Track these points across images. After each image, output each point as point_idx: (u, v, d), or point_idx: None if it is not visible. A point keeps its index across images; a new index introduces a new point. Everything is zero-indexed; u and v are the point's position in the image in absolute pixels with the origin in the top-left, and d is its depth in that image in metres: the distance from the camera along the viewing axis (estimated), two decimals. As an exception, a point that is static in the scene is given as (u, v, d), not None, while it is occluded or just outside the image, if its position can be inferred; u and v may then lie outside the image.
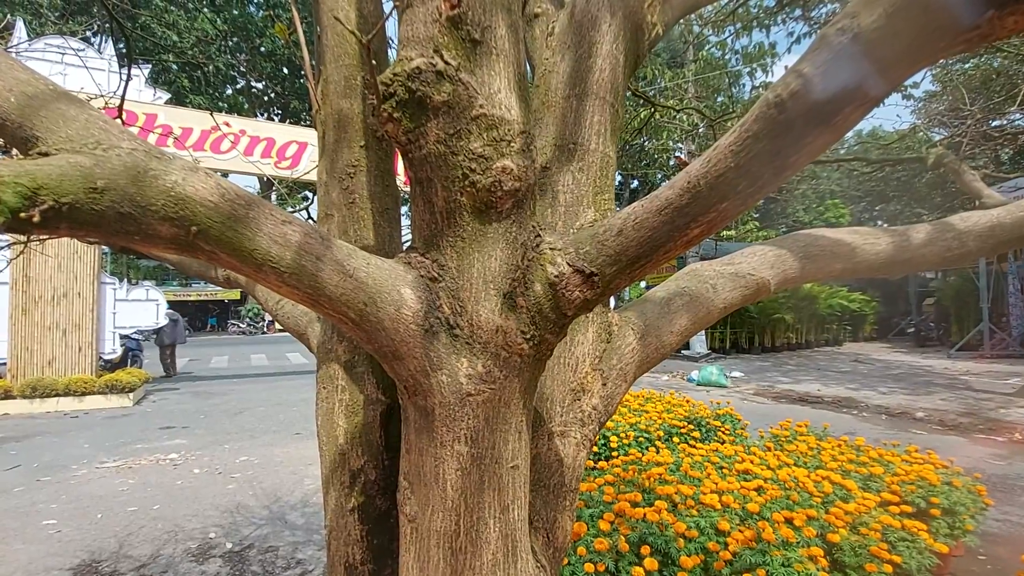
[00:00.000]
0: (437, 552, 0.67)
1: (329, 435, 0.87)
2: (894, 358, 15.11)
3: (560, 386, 0.82)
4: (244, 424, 8.38)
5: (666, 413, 6.32)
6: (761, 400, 10.31)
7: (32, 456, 6.71)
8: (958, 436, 8.10)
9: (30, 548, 4.41)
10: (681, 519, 3.35)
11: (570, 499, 0.84)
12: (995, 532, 4.80)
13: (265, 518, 4.97)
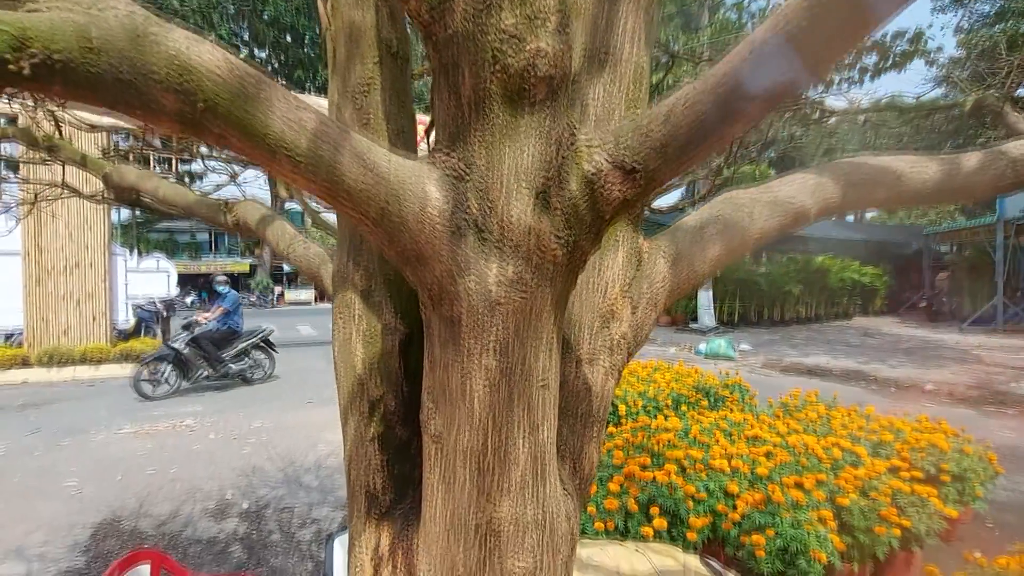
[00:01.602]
0: (463, 471, 0.65)
1: (347, 364, 0.84)
2: (905, 332, 14.98)
3: (589, 311, 0.78)
4: (257, 391, 8.51)
5: (675, 382, 6.31)
6: (769, 372, 10.29)
7: (52, 421, 6.86)
8: (968, 409, 8.06)
9: (53, 506, 4.52)
10: (690, 482, 3.37)
11: (597, 428, 0.81)
12: (1003, 500, 4.79)
13: (280, 480, 5.06)
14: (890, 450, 4.12)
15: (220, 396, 8.20)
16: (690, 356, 11.78)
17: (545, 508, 0.70)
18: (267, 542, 3.94)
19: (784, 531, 3.01)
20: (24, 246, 9.25)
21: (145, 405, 7.58)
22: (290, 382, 9.22)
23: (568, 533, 0.77)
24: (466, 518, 0.67)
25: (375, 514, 0.84)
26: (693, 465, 3.58)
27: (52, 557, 3.85)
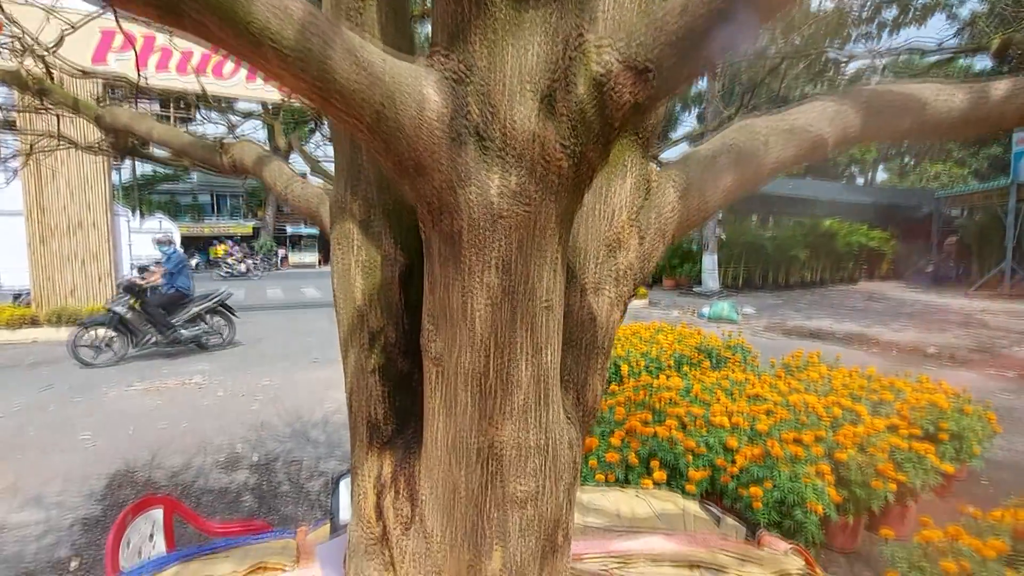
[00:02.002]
0: (465, 395, 0.64)
1: (346, 295, 0.83)
2: (909, 296, 14.92)
3: (594, 238, 0.76)
4: (263, 351, 8.61)
5: (678, 343, 6.33)
6: (771, 335, 10.32)
7: (63, 378, 6.98)
8: (969, 371, 8.08)
9: (68, 458, 4.65)
10: (690, 437, 3.41)
11: (601, 360, 0.80)
12: (1000, 459, 4.85)
13: (288, 435, 5.17)
14: (890, 409, 4.15)
15: (228, 355, 8.30)
16: (693, 319, 11.81)
17: (548, 433, 0.70)
18: (277, 492, 4.05)
19: (782, 484, 3.06)
20: (26, 205, 9.22)
21: (155, 363, 7.69)
22: (296, 342, 9.32)
23: (571, 460, 0.77)
24: (468, 441, 0.67)
25: (377, 443, 0.84)
26: (694, 421, 3.62)
27: (69, 505, 3.97)
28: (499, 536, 0.72)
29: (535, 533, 0.74)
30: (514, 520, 0.72)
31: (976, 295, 14.56)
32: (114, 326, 7.45)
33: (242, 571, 1.40)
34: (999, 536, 2.48)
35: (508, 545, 0.73)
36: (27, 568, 3.18)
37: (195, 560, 1.48)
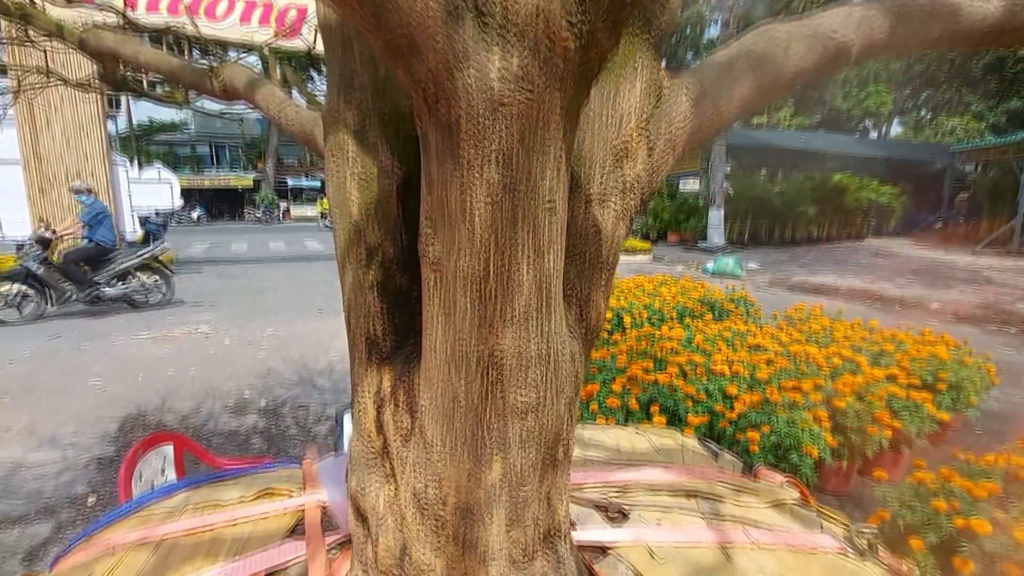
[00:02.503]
0: (464, 300, 0.62)
1: (342, 208, 0.80)
2: (916, 253, 14.79)
3: (601, 146, 0.72)
4: (268, 302, 8.66)
5: (681, 295, 6.34)
6: (775, 290, 10.30)
7: (71, 327, 7.06)
8: (971, 327, 8.09)
9: (81, 401, 4.75)
10: (690, 384, 3.45)
11: (606, 276, 0.78)
12: (995, 410, 4.91)
13: (295, 381, 5.26)
14: (890, 360, 4.17)
15: (233, 306, 8.36)
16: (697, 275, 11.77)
17: (549, 343, 0.69)
18: (285, 435, 4.16)
19: (779, 428, 3.11)
20: (23, 154, 9.09)
21: (160, 313, 7.76)
22: (300, 294, 9.37)
23: (573, 373, 0.77)
24: (467, 349, 0.66)
25: (375, 359, 0.84)
26: (694, 370, 3.65)
27: (84, 445, 4.09)
28: (499, 446, 0.73)
29: (535, 444, 0.75)
30: (514, 430, 0.72)
31: (984, 252, 14.41)
32: (25, 281, 6.81)
33: (249, 497, 1.44)
34: (991, 479, 2.53)
35: (508, 455, 0.74)
36: (47, 503, 3.30)
37: (203, 487, 1.52)
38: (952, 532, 2.25)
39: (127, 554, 1.24)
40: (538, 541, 0.84)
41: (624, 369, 3.68)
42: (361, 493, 0.86)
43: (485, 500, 0.75)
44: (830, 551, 1.29)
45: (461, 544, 0.77)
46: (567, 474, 0.89)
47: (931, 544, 2.24)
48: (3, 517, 3.15)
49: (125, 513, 1.43)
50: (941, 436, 4.13)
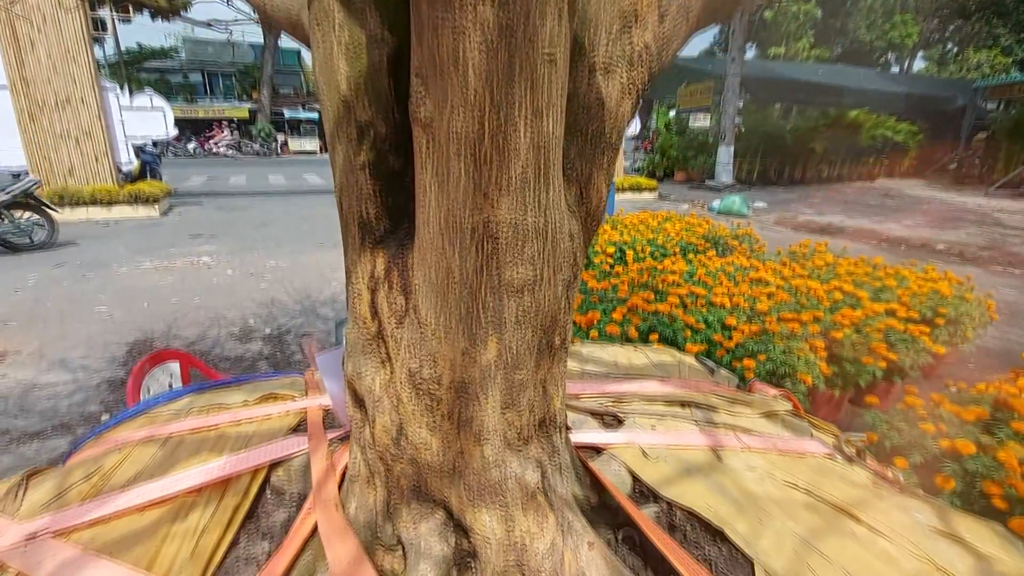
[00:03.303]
0: (457, 164, 0.59)
1: (330, 83, 0.75)
2: (927, 194, 14.49)
3: (608, 9, 0.66)
4: (269, 234, 8.62)
5: (685, 231, 6.27)
6: (780, 229, 10.19)
7: (74, 256, 7.07)
8: (975, 268, 8.04)
9: (88, 328, 4.83)
10: (690, 315, 3.46)
11: (609, 155, 0.74)
12: (990, 347, 4.95)
13: (298, 311, 5.31)
14: (891, 295, 4.16)
15: (234, 238, 8.32)
16: (703, 213, 11.62)
17: (547, 216, 0.66)
18: (290, 361, 4.24)
19: (775, 356, 3.14)
20: (9, 78, 8.77)
21: (162, 244, 7.74)
22: (301, 227, 9.30)
23: (570, 253, 0.75)
24: (461, 219, 0.63)
25: (369, 243, 0.81)
26: (695, 301, 3.66)
27: (94, 368, 4.18)
28: (494, 325, 0.72)
29: (531, 325, 0.74)
30: (510, 308, 0.71)
31: (996, 194, 14.10)
32: None
33: (253, 400, 1.47)
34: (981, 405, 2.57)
35: (503, 335, 0.73)
36: (62, 420, 3.41)
37: (207, 392, 1.56)
38: (937, 453, 2.31)
39: (135, 449, 1.28)
40: (533, 427, 0.85)
41: (625, 299, 3.68)
42: (357, 377, 0.86)
43: (480, 379, 0.75)
44: (818, 456, 1.33)
45: (456, 423, 0.78)
46: (563, 364, 0.89)
47: (915, 464, 2.31)
48: (21, 432, 3.26)
49: (132, 415, 1.47)
50: (935, 369, 4.20)
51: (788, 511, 1.06)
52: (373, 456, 0.87)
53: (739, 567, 0.96)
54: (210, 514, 1.02)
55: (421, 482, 0.84)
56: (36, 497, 1.14)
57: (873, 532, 1.03)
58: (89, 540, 0.99)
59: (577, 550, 0.84)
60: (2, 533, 1.01)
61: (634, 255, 5.50)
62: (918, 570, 0.95)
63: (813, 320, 3.46)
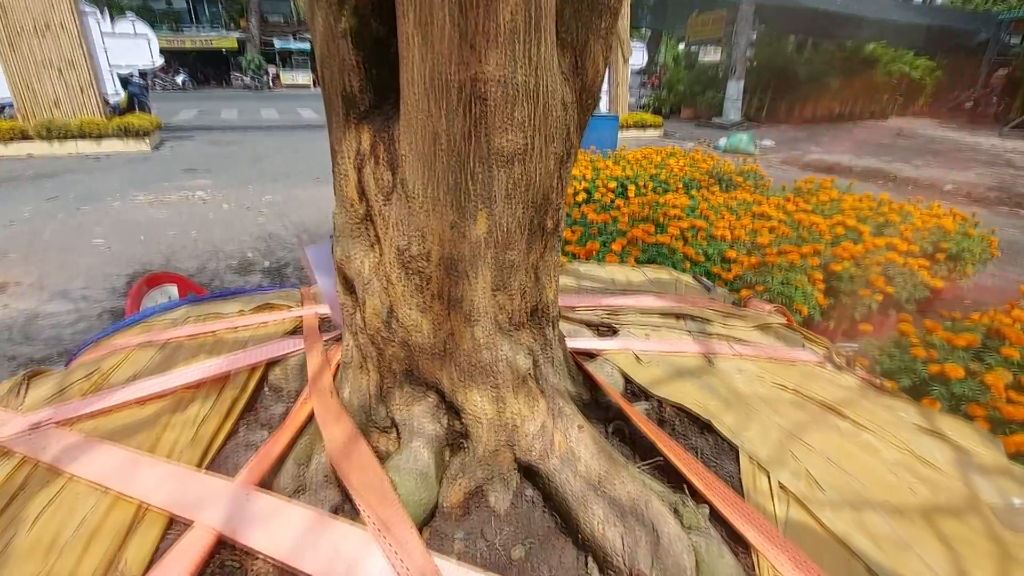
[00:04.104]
0: (441, 8, 0.55)
1: (307, -66, 0.69)
2: (940, 133, 14.08)
3: None
4: (264, 169, 8.45)
5: (689, 167, 6.14)
6: (787, 168, 9.99)
7: (67, 190, 6.97)
8: (982, 208, 7.92)
9: (87, 259, 4.82)
10: (690, 247, 3.44)
11: (607, 21, 0.70)
12: (987, 284, 4.95)
13: (295, 244, 5.28)
14: (894, 230, 4.12)
15: (228, 173, 8.17)
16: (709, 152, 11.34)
17: (538, 76, 0.62)
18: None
19: (773, 287, 3.15)
20: (-19, 0, 8.31)
21: (155, 178, 7.61)
22: (297, 162, 9.11)
23: (564, 125, 0.72)
24: (447, 76, 0.60)
25: (354, 118, 0.78)
26: (696, 234, 3.63)
27: (95, 299, 4.20)
28: (483, 198, 0.70)
29: (522, 200, 0.72)
30: (500, 180, 0.69)
31: (1011, 135, 13.70)
32: None
33: (249, 309, 1.48)
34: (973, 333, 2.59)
35: (493, 210, 0.71)
36: (66, 347, 3.46)
37: (204, 303, 1.56)
38: (926, 377, 2.35)
39: (132, 352, 1.30)
40: (525, 313, 0.85)
41: (625, 232, 3.65)
42: (347, 260, 0.85)
43: (469, 257, 0.74)
44: (809, 363, 1.35)
45: (446, 303, 0.78)
46: (556, 252, 0.88)
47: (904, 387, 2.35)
48: (27, 358, 3.32)
49: (129, 324, 1.48)
50: (930, 304, 4.22)
51: (775, 407, 1.09)
52: (365, 340, 0.88)
53: (725, 455, 0.99)
54: (209, 406, 1.04)
55: (413, 365, 0.85)
56: (38, 393, 1.16)
57: (857, 426, 1.06)
58: (91, 430, 1.02)
59: (567, 432, 0.86)
60: (6, 423, 1.04)
61: (636, 190, 5.41)
62: (899, 459, 0.98)
63: (813, 253, 3.44)
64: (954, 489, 0.94)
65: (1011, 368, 2.31)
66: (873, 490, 0.91)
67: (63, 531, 0.80)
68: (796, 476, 0.92)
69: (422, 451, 0.84)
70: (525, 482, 0.91)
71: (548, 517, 0.87)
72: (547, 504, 0.89)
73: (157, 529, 0.79)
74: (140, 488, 0.84)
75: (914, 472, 0.96)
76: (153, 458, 0.91)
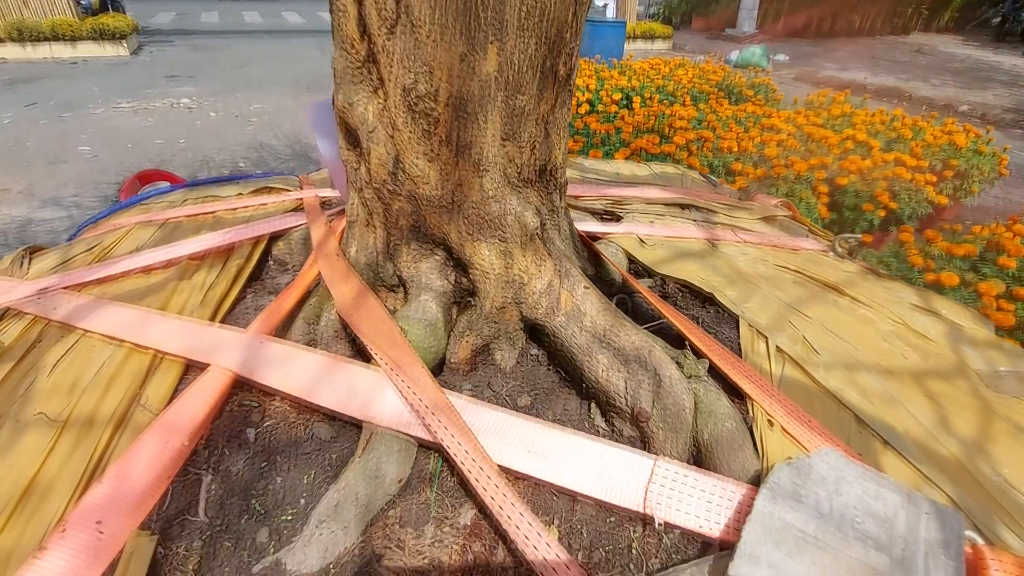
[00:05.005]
0: None
1: None
2: (962, 52, 13.37)
3: None
4: (251, 76, 8.03)
5: (698, 79, 5.87)
6: (800, 84, 9.56)
7: (46, 95, 6.64)
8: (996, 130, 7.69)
9: (75, 167, 4.68)
10: (695, 159, 3.36)
11: None
12: (990, 205, 4.90)
13: (289, 155, 5.13)
14: (904, 146, 4.03)
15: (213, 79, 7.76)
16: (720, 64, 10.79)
17: None
18: (285, 200, 4.17)
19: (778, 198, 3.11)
20: None
21: (137, 84, 7.24)
22: (285, 70, 8.64)
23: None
24: None
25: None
26: (701, 146, 3.53)
27: (87, 206, 4.12)
28: (494, 28, 0.66)
29: (535, 34, 0.68)
30: (512, 6, 0.64)
31: (1036, 55, 13.02)
32: None
33: (247, 192, 1.45)
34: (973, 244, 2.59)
35: (504, 43, 0.67)
36: (65, 249, 3.43)
37: (201, 187, 1.53)
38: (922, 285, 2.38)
39: (133, 230, 1.29)
40: (533, 171, 0.83)
41: (629, 143, 3.55)
42: (349, 107, 0.82)
43: (479, 97, 0.71)
44: (813, 251, 1.35)
45: (455, 149, 0.76)
46: (567, 108, 0.84)
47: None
48: (26, 260, 3.29)
49: (127, 206, 1.46)
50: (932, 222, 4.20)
51: (777, 285, 1.10)
52: (370, 195, 0.86)
53: (725, 323, 1.01)
54: (216, 274, 1.04)
55: (420, 220, 0.84)
56: (41, 265, 1.16)
57: (855, 303, 1.08)
58: (99, 295, 1.02)
59: (573, 291, 0.86)
60: (13, 289, 1.04)
61: (641, 101, 5.20)
62: (893, 331, 1.01)
63: (820, 166, 3.38)
64: (944, 356, 0.97)
65: (1006, 279, 2.34)
66: (866, 355, 0.94)
67: (82, 376, 0.82)
68: (793, 341, 0.94)
69: (430, 304, 0.85)
70: (530, 342, 0.93)
71: (552, 373, 0.90)
72: (551, 362, 0.91)
73: (174, 373, 0.81)
74: (154, 338, 0.86)
75: (907, 342, 0.99)
76: (164, 314, 0.92)
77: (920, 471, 0.75)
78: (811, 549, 0.56)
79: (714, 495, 0.65)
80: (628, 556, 0.66)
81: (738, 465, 0.70)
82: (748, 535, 0.58)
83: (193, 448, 0.72)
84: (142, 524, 0.65)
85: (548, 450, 0.69)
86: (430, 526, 0.67)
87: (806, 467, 0.65)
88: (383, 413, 0.72)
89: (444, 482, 0.72)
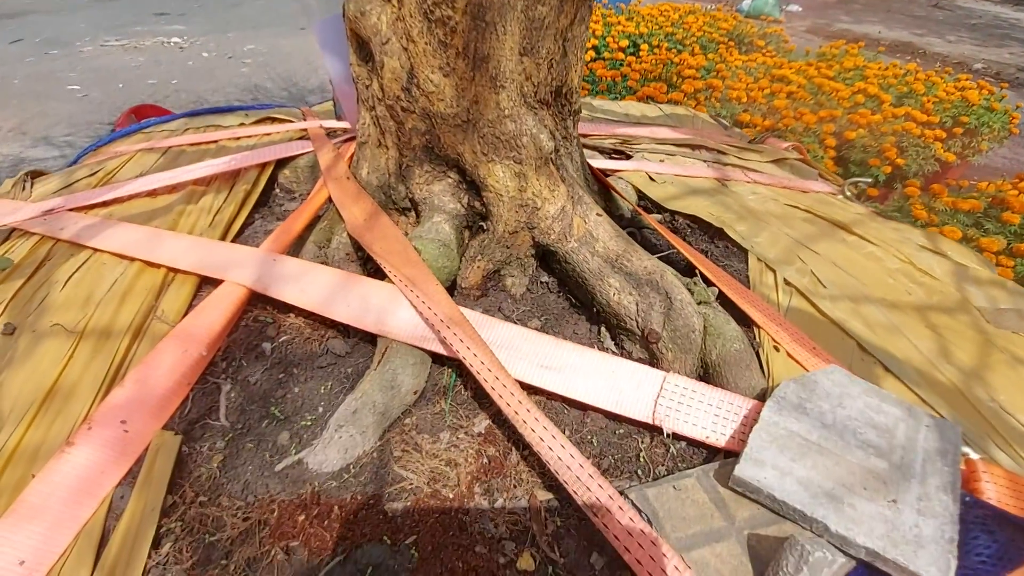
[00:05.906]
0: None
1: None
2: (981, 7, 12.89)
3: None
4: (244, 15, 7.69)
5: (708, 27, 5.66)
6: (811, 37, 9.25)
7: (31, 32, 6.37)
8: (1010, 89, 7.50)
9: (66, 107, 4.54)
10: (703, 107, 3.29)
11: None
12: (996, 165, 4.84)
13: (285, 98, 4.98)
14: (915, 101, 3.95)
15: (204, 17, 7.44)
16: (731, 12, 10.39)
17: None
18: (282, 145, 4.08)
19: (785, 150, 3.06)
20: None
21: (125, 21, 6.94)
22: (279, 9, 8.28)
23: None
24: None
25: None
26: (710, 95, 3.45)
27: (80, 145, 4.02)
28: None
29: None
30: None
31: (1058, 11, 12.57)
32: None
33: (249, 121, 1.42)
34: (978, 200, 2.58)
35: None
36: (60, 189, 3.37)
37: (202, 115, 1.50)
38: (923, 240, 2.37)
39: (135, 156, 1.26)
40: (549, 91, 0.81)
41: (635, 90, 3.46)
42: (361, 16, 0.79)
43: (499, 1, 0.68)
44: (822, 193, 1.34)
45: (471, 61, 0.74)
46: (586, 27, 0.82)
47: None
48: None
49: (126, 133, 1.42)
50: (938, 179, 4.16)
51: (786, 222, 1.10)
52: (383, 112, 0.84)
53: (734, 256, 1.02)
54: (223, 198, 1.03)
55: (433, 139, 0.83)
56: (44, 188, 1.14)
57: (863, 241, 1.09)
58: (105, 216, 1.02)
59: (586, 216, 0.86)
60: (18, 210, 1.03)
61: (648, 49, 5.04)
62: (899, 268, 1.02)
63: (829, 119, 3.32)
64: (947, 293, 0.98)
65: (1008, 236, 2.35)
66: (872, 289, 0.95)
67: (96, 290, 0.83)
68: (801, 274, 0.95)
69: (443, 224, 0.85)
70: (540, 270, 0.94)
71: (562, 300, 0.91)
72: (562, 289, 0.92)
73: (188, 288, 0.82)
74: (166, 255, 0.86)
75: (912, 278, 1.00)
76: (175, 233, 0.91)
77: (919, 395, 0.77)
78: (814, 454, 0.59)
79: (721, 408, 0.68)
80: (636, 463, 0.69)
81: (745, 383, 0.72)
82: (754, 441, 0.60)
83: (211, 358, 0.74)
84: (165, 426, 0.67)
85: (561, 364, 0.70)
86: (445, 433, 0.69)
87: (811, 383, 0.67)
88: (398, 327, 0.73)
89: (458, 395, 0.74)
